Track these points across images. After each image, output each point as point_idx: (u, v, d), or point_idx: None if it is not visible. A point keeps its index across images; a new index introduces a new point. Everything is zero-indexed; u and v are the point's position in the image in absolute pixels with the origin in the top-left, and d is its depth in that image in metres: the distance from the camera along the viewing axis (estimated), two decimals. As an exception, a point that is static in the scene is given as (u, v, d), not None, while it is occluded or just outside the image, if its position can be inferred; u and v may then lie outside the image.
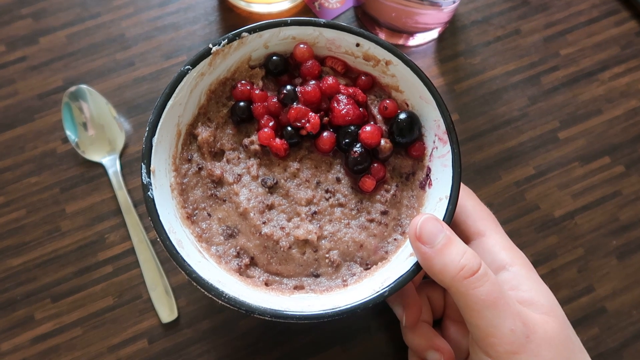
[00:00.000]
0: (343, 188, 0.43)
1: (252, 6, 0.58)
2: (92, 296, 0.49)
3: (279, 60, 0.44)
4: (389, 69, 0.43)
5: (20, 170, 0.53)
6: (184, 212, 0.41)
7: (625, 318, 0.50)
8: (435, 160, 0.42)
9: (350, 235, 0.41)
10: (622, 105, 0.58)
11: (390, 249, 0.42)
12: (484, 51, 0.59)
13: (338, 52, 0.44)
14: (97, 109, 0.54)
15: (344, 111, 0.42)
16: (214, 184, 0.43)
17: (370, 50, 0.43)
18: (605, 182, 0.55)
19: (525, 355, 0.34)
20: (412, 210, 0.43)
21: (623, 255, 0.52)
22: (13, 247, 0.50)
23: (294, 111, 0.42)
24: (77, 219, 0.51)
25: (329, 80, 0.42)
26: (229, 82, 0.44)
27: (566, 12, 0.61)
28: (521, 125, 0.56)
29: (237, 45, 0.42)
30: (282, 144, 0.42)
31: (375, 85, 0.45)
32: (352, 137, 0.42)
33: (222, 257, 0.41)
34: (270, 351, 0.48)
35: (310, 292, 0.40)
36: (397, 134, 0.42)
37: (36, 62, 0.56)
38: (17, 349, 0.48)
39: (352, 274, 0.41)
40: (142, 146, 0.39)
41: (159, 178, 0.40)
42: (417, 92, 0.42)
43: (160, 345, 0.48)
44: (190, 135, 0.43)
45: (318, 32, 0.43)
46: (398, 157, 0.43)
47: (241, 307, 0.36)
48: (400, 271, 0.38)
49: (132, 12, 0.59)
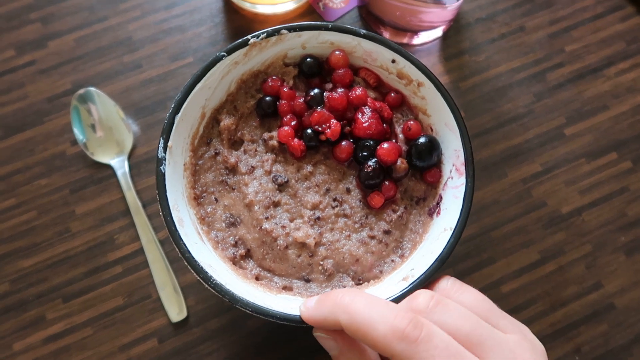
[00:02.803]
0: (351, 200, 0.43)
1: (257, 7, 0.58)
2: (102, 296, 0.50)
3: (313, 62, 0.44)
4: (420, 91, 0.43)
5: (31, 172, 0.53)
6: (192, 192, 0.42)
7: (634, 314, 0.50)
8: (448, 190, 0.41)
9: (349, 248, 0.41)
10: (628, 100, 0.58)
11: (385, 269, 0.42)
12: (488, 48, 0.59)
13: (373, 65, 0.44)
14: (105, 111, 0.54)
15: (366, 124, 0.42)
16: (227, 171, 0.43)
17: (405, 68, 0.43)
18: (612, 178, 0.55)
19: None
20: (415, 235, 0.42)
21: (631, 251, 0.52)
22: (24, 248, 0.51)
23: (317, 115, 0.42)
24: (87, 220, 0.52)
25: (358, 91, 0.43)
26: (261, 75, 0.45)
27: (571, 9, 0.61)
28: (527, 122, 0.56)
29: (275, 41, 0.43)
30: (299, 145, 0.42)
31: (404, 104, 0.45)
32: (370, 151, 0.42)
33: (220, 243, 0.42)
34: (278, 350, 0.49)
35: (297, 296, 0.40)
36: (416, 156, 0.42)
37: (45, 66, 0.57)
38: (29, 348, 0.48)
39: (343, 286, 0.41)
40: (164, 121, 0.40)
41: (175, 155, 0.41)
42: (443, 119, 0.42)
43: (170, 345, 0.49)
44: (213, 119, 0.44)
45: (357, 42, 0.43)
46: (412, 180, 0.43)
47: (225, 296, 0.37)
48: (390, 293, 0.38)
49: (139, 15, 0.59)
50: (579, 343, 0.49)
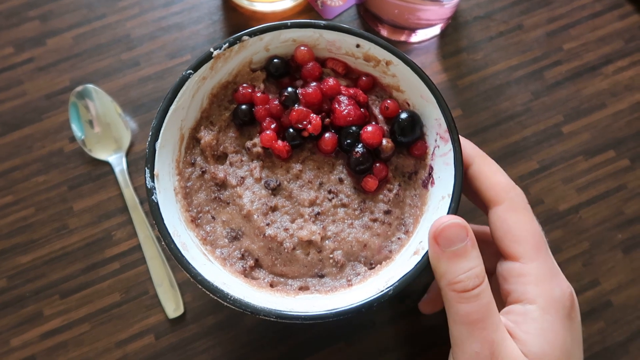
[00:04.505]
0: (346, 188, 0.43)
1: (255, 5, 0.58)
2: (99, 292, 0.50)
3: (279, 63, 0.44)
4: (390, 69, 0.43)
5: (29, 169, 0.54)
6: (188, 216, 0.42)
7: (631, 312, 0.50)
8: (437, 159, 0.42)
9: (354, 235, 0.41)
10: (626, 98, 0.58)
11: (394, 248, 0.42)
12: (486, 47, 0.59)
13: (339, 54, 0.44)
14: (103, 107, 0.55)
15: (345, 112, 0.42)
16: (218, 187, 0.43)
17: (371, 50, 0.43)
18: (609, 175, 0.55)
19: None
20: (415, 209, 0.43)
21: (629, 249, 0.52)
22: (22, 244, 0.51)
23: (296, 113, 0.42)
24: (85, 217, 0.52)
25: (330, 82, 0.43)
26: (231, 86, 0.45)
27: (569, 7, 0.61)
28: (525, 120, 0.56)
29: (238, 49, 0.42)
30: (284, 146, 0.42)
31: (376, 86, 0.45)
32: (354, 138, 0.42)
33: (227, 259, 0.41)
34: (275, 346, 0.49)
35: (315, 293, 0.41)
36: (399, 133, 0.42)
37: (43, 63, 0.57)
38: (27, 344, 0.48)
39: (357, 273, 0.41)
40: (146, 150, 0.40)
41: (163, 182, 0.40)
42: (417, 92, 0.42)
43: (166, 341, 0.49)
44: (193, 139, 0.44)
45: (318, 34, 0.43)
46: (400, 157, 0.43)
47: (246, 309, 0.36)
48: (404, 270, 0.38)
49: (137, 12, 0.59)
50: (575, 340, 0.49)
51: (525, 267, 0.36)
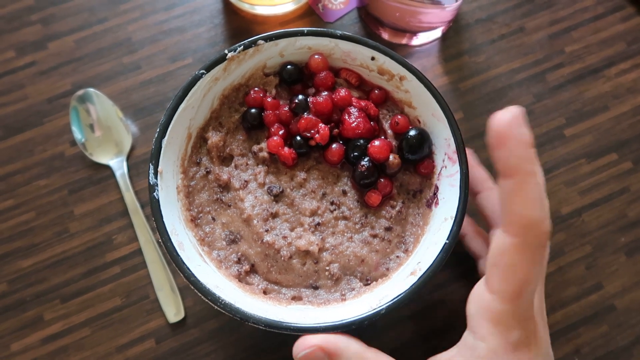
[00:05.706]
0: (349, 201, 0.42)
1: (255, 8, 0.58)
2: (100, 297, 0.50)
3: (293, 70, 0.44)
4: (403, 84, 0.43)
5: (30, 173, 0.54)
6: (188, 215, 0.42)
7: (635, 315, 0.50)
8: (443, 179, 0.41)
9: (352, 250, 0.41)
10: (629, 101, 0.57)
11: (391, 266, 0.41)
12: (488, 49, 0.59)
13: (353, 65, 0.44)
14: (104, 111, 0.55)
15: (354, 124, 0.42)
16: (221, 188, 0.43)
17: (385, 64, 0.42)
18: (612, 178, 0.54)
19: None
20: (416, 228, 0.42)
21: (632, 252, 0.52)
22: (23, 248, 0.51)
23: (304, 121, 0.42)
24: (85, 221, 0.52)
25: (342, 92, 0.42)
26: (243, 89, 0.45)
27: (571, 9, 0.61)
28: (526, 123, 0.56)
29: (252, 52, 0.42)
30: (290, 153, 0.42)
31: (389, 100, 0.45)
32: (361, 151, 0.42)
33: (223, 262, 0.41)
34: (276, 351, 0.48)
35: (308, 304, 0.40)
36: (407, 150, 0.42)
37: (45, 67, 0.57)
38: (27, 349, 0.48)
39: (351, 288, 0.41)
40: (152, 147, 0.39)
41: (166, 179, 0.40)
42: (429, 109, 0.42)
43: (167, 345, 0.48)
44: (200, 138, 0.44)
45: (334, 44, 0.43)
46: (406, 174, 0.43)
47: (236, 314, 0.36)
48: (400, 290, 0.37)
49: (139, 16, 0.59)
50: (578, 344, 0.49)
51: (495, 304, 0.33)
